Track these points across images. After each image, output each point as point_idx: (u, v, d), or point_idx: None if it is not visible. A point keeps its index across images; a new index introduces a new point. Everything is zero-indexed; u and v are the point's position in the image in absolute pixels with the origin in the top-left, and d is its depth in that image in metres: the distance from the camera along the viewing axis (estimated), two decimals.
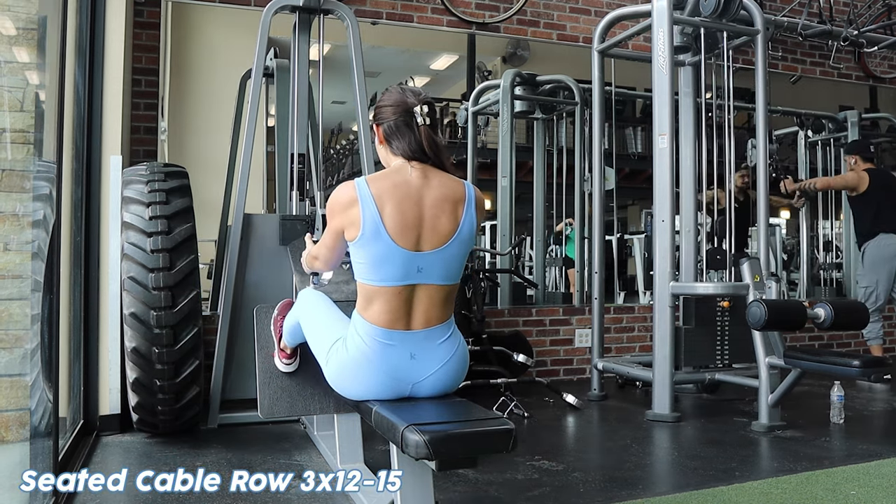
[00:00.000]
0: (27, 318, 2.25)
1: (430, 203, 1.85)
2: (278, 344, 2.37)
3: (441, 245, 1.85)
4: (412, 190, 1.85)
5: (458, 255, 1.89)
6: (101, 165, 3.16)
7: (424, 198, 1.85)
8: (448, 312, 1.92)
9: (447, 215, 1.86)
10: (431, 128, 1.90)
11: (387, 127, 1.92)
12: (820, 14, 5.36)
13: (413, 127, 1.89)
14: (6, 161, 2.29)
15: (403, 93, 1.93)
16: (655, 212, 3.63)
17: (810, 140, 6.00)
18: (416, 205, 1.84)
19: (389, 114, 1.91)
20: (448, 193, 1.88)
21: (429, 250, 1.84)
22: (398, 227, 1.81)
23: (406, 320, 1.87)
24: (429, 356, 1.89)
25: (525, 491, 2.44)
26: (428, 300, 1.87)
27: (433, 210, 1.85)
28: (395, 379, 1.89)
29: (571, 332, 4.82)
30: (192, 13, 4.36)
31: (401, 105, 1.90)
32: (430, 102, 1.93)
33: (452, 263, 1.88)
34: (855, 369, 2.97)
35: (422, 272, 1.84)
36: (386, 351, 1.86)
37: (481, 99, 5.03)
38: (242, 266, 3.45)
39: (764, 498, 2.38)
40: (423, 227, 1.84)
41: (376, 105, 1.98)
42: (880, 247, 4.71)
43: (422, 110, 1.89)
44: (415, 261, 1.83)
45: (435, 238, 1.84)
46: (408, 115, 1.89)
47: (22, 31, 2.41)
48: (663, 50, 3.58)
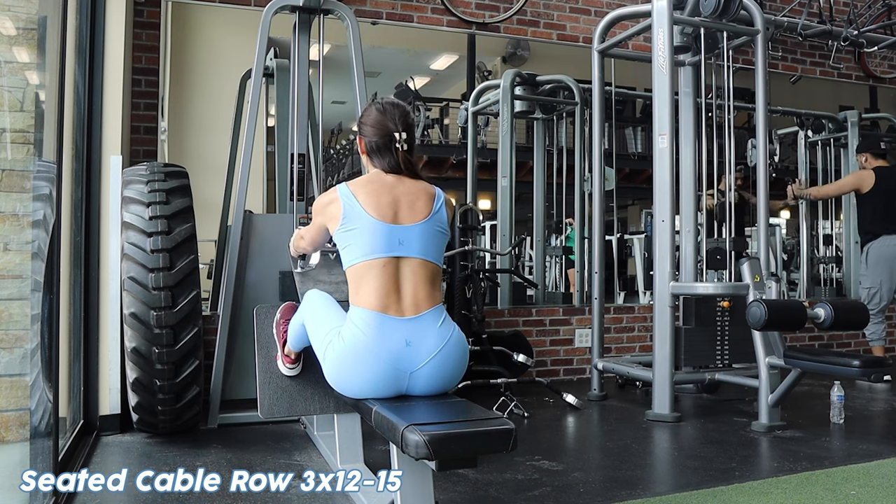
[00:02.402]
0: (27, 318, 2.26)
1: (405, 192, 2.05)
2: (282, 349, 2.37)
3: (418, 220, 2.02)
4: (387, 186, 2.05)
5: (435, 233, 2.04)
6: (101, 165, 3.16)
7: (398, 189, 2.05)
8: (436, 296, 2.02)
9: (422, 201, 2.05)
10: (409, 150, 2.10)
11: (368, 143, 2.12)
12: (820, 14, 5.35)
13: (392, 150, 2.08)
14: (6, 161, 2.30)
15: (385, 114, 2.10)
16: (655, 212, 3.63)
17: (810, 140, 6.00)
18: (391, 193, 2.03)
19: (371, 133, 2.10)
20: (421, 188, 2.08)
21: (407, 224, 2.00)
22: (373, 204, 1.99)
23: (397, 304, 1.95)
24: (424, 342, 1.94)
25: (525, 491, 2.44)
26: (413, 277, 1.98)
27: (408, 197, 2.04)
28: (393, 367, 1.91)
29: (571, 332, 4.82)
30: (192, 13, 4.36)
31: (382, 128, 2.09)
32: (410, 124, 2.12)
33: (430, 241, 2.03)
34: (855, 369, 2.97)
35: (403, 245, 1.99)
36: (381, 336, 1.92)
37: (481, 99, 5.03)
38: (242, 266, 3.46)
39: (764, 498, 2.38)
40: (400, 207, 2.02)
41: (359, 119, 2.16)
42: (883, 247, 4.68)
43: (400, 137, 2.07)
44: (395, 233, 1.99)
45: (412, 214, 2.02)
46: (388, 139, 2.08)
47: (22, 31, 2.41)
48: (663, 50, 3.58)
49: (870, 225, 4.76)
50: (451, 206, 2.15)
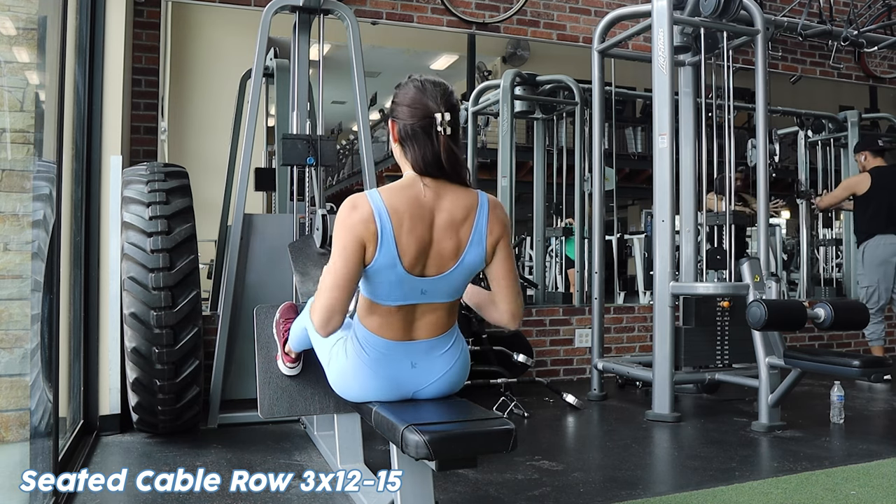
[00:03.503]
0: (27, 318, 2.26)
1: (441, 225, 1.73)
2: (283, 348, 2.36)
3: (445, 271, 1.75)
4: (425, 211, 1.72)
5: (461, 277, 1.79)
6: (101, 165, 3.16)
7: (436, 219, 1.72)
8: (452, 321, 1.86)
9: (453, 241, 1.74)
10: (453, 137, 1.72)
11: (402, 128, 1.74)
12: (820, 14, 5.35)
13: (432, 136, 1.70)
14: (6, 161, 2.30)
15: (424, 92, 1.72)
16: (655, 212, 3.63)
17: (810, 140, 6.00)
18: (428, 228, 1.72)
19: (406, 115, 1.73)
20: (457, 215, 1.74)
21: (433, 276, 1.75)
22: (410, 253, 1.70)
23: (408, 333, 1.82)
24: (430, 366, 1.85)
25: (525, 491, 2.44)
26: (431, 315, 1.82)
27: (442, 232, 1.73)
28: (396, 386, 1.86)
29: (571, 332, 4.82)
30: (192, 13, 4.36)
31: (420, 108, 1.71)
32: (454, 105, 1.74)
33: (455, 284, 1.79)
34: (855, 369, 2.97)
35: (425, 294, 1.77)
36: (385, 360, 1.83)
37: (481, 99, 5.02)
38: (242, 266, 3.46)
39: (764, 498, 2.38)
40: (431, 252, 1.73)
41: (393, 98, 1.78)
42: (878, 247, 4.71)
43: (443, 118, 1.69)
44: (419, 285, 1.75)
45: (441, 262, 1.74)
46: (427, 122, 1.70)
47: (22, 31, 2.41)
48: (663, 50, 3.58)
49: (866, 225, 4.79)
50: (500, 219, 1.78)
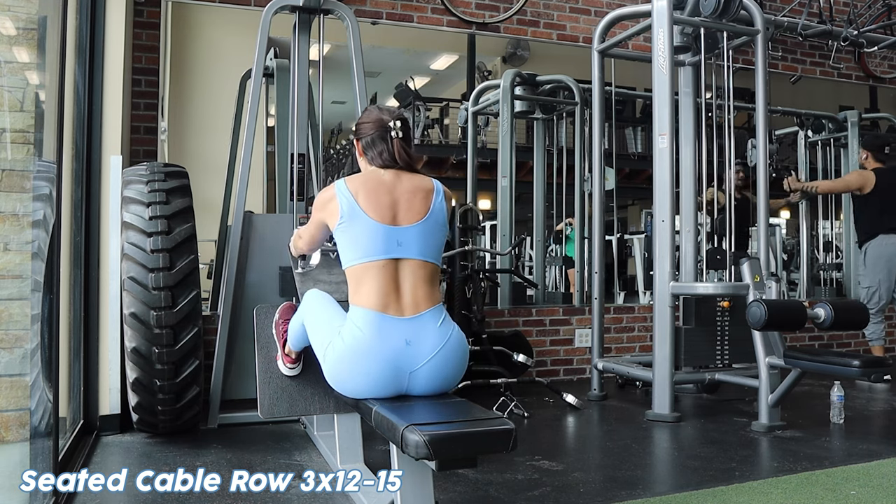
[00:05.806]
0: (27, 318, 2.26)
1: (403, 191, 2.07)
2: (282, 348, 2.37)
3: (417, 220, 2.04)
4: (386, 184, 2.07)
5: (433, 232, 2.06)
6: (101, 165, 3.16)
7: (397, 188, 2.07)
8: (435, 295, 2.04)
9: (420, 200, 2.07)
10: (404, 140, 2.13)
11: (365, 141, 2.16)
12: (820, 14, 5.35)
13: (387, 139, 2.11)
14: (6, 161, 2.30)
15: (381, 111, 2.17)
16: (655, 212, 3.63)
17: (810, 140, 6.00)
18: (389, 193, 2.05)
19: (368, 130, 2.15)
20: (418, 185, 2.10)
21: (406, 225, 2.03)
22: (373, 206, 2.02)
23: (396, 303, 1.97)
24: (423, 342, 1.96)
25: (525, 491, 2.44)
26: (412, 277, 2.00)
27: (406, 195, 2.06)
28: (392, 366, 1.92)
29: (571, 332, 4.82)
30: (192, 13, 4.36)
31: (377, 121, 2.14)
32: (404, 119, 2.17)
33: (429, 240, 2.05)
34: (855, 369, 2.97)
35: (402, 246, 2.01)
36: (381, 336, 1.93)
37: (481, 99, 5.02)
38: (242, 266, 3.46)
39: (764, 498, 2.38)
40: (399, 208, 2.04)
41: (357, 123, 2.21)
42: (881, 246, 4.71)
43: (395, 125, 2.12)
44: (394, 235, 2.01)
45: (411, 214, 2.04)
46: (383, 130, 2.12)
47: (22, 31, 2.41)
48: (663, 50, 3.58)
49: (868, 225, 4.79)
50: (450, 197, 2.18)
